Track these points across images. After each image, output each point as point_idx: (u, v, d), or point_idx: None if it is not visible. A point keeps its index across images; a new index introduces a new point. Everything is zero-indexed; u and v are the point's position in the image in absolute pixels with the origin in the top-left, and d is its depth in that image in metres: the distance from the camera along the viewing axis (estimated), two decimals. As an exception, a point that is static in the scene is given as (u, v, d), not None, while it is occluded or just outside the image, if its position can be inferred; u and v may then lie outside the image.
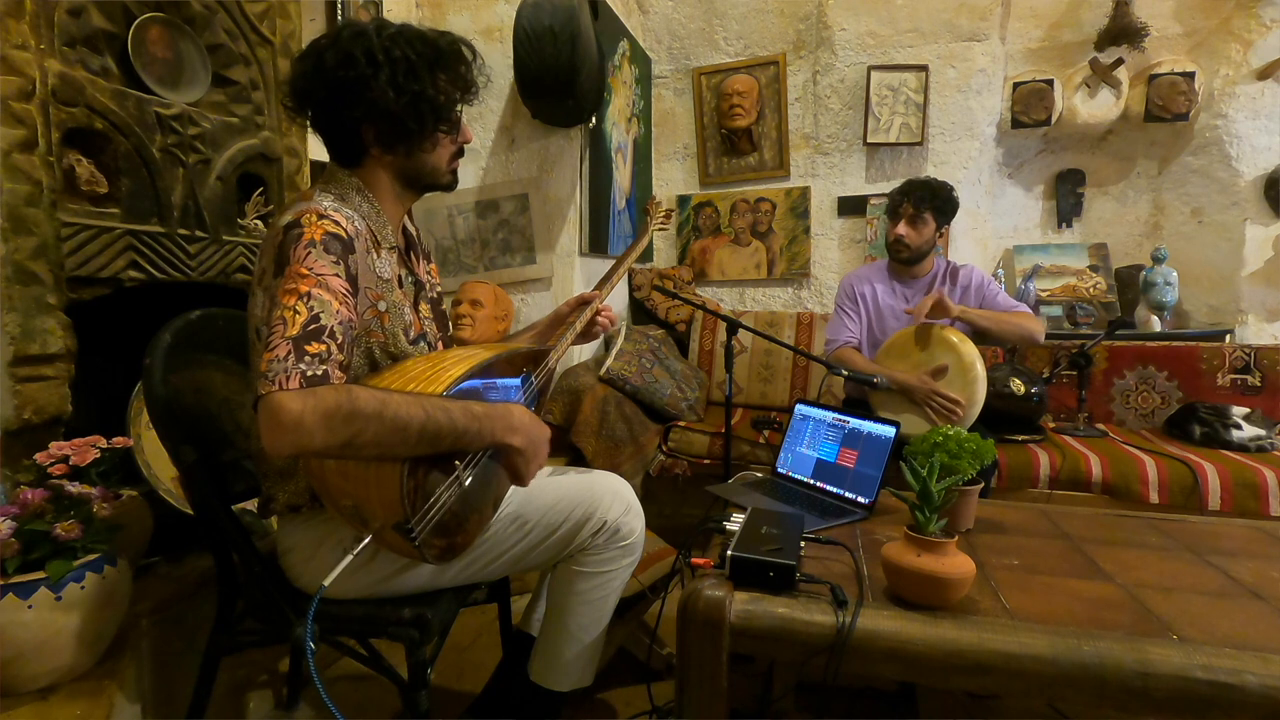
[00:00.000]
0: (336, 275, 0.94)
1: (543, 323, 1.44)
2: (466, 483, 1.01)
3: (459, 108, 1.13)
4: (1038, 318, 2.12)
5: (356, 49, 1.01)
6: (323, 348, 0.87)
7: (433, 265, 1.29)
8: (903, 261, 2.23)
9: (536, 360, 1.26)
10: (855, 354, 2.23)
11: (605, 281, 1.47)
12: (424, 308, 1.20)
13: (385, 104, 1.02)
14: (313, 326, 0.87)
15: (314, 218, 0.97)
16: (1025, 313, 2.12)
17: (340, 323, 0.91)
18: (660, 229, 1.74)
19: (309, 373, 0.84)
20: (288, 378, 0.83)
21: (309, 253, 0.93)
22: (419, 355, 1.11)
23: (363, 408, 0.86)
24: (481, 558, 1.16)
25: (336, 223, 0.98)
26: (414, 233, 1.24)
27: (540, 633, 1.30)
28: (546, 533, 1.19)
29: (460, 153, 1.17)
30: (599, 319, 1.42)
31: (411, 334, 1.12)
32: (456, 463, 1.00)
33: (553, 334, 1.38)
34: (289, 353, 0.85)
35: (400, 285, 1.12)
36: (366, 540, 0.93)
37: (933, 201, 2.14)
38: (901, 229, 2.17)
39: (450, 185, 1.18)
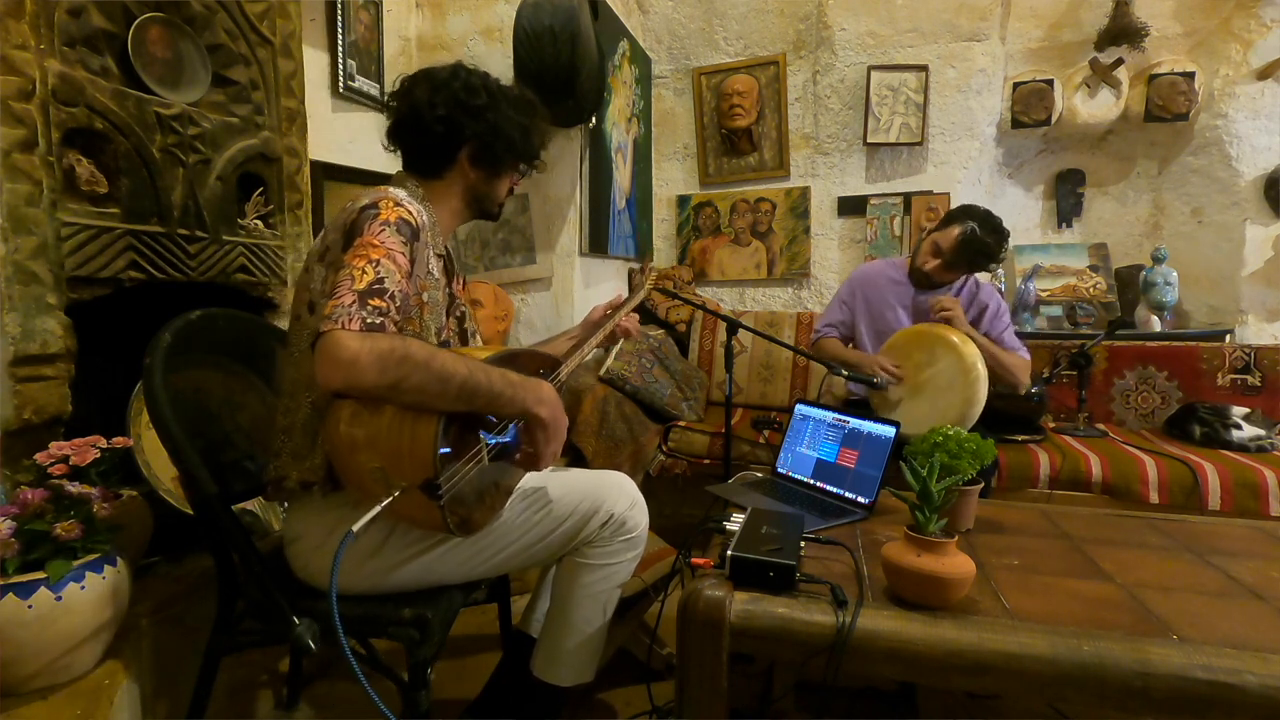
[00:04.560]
0: (403, 254, 1.01)
1: (577, 326, 1.52)
2: (486, 461, 1.06)
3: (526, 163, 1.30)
4: (1027, 365, 2.14)
5: (477, 83, 1.19)
6: (384, 304, 0.94)
7: (461, 289, 1.34)
8: (921, 286, 2.26)
9: (550, 367, 1.30)
10: (836, 344, 2.31)
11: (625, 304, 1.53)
12: (451, 321, 1.26)
13: (503, 125, 1.18)
14: (377, 286, 0.95)
15: (391, 204, 1.05)
16: (1021, 357, 2.14)
17: (400, 292, 0.98)
18: (654, 288, 1.82)
19: (369, 320, 0.91)
20: (350, 319, 0.90)
21: (383, 229, 1.01)
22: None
23: (414, 353, 0.93)
24: (489, 548, 1.17)
25: (409, 211, 1.07)
26: (452, 253, 1.30)
27: (543, 628, 1.30)
28: (555, 524, 1.21)
29: (510, 193, 1.31)
30: (623, 324, 1.48)
31: (443, 335, 1.19)
32: (481, 435, 1.05)
33: (590, 334, 1.44)
34: (354, 301, 0.92)
35: (439, 289, 1.19)
36: (397, 493, 0.95)
37: (986, 266, 2.15)
38: (938, 271, 2.16)
39: (496, 216, 1.33)
